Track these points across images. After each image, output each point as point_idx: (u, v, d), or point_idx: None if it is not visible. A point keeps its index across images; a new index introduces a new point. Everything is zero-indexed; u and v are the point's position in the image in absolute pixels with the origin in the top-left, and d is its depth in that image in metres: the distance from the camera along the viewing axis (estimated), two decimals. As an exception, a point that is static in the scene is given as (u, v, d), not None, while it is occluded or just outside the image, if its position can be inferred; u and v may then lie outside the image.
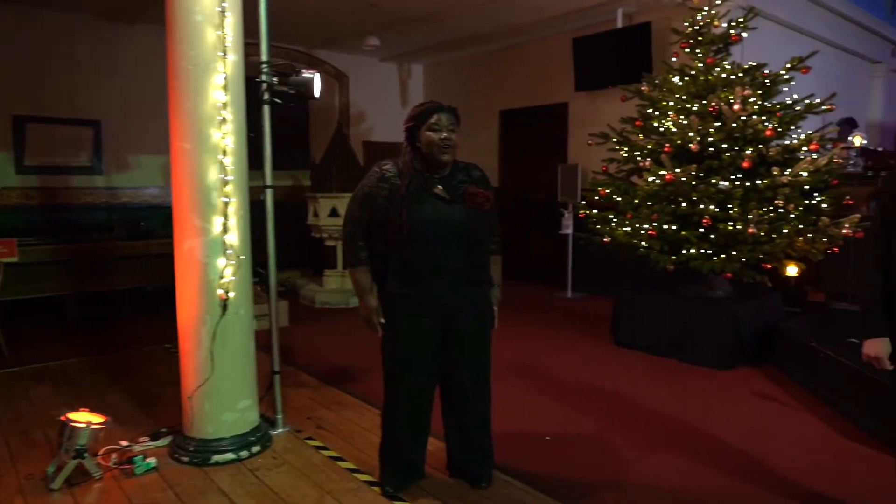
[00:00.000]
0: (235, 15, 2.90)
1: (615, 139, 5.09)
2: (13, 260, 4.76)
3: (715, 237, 4.41)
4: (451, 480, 2.77)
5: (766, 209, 4.34)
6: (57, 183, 6.62)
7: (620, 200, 4.95)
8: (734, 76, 4.62)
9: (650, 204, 4.73)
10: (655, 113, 4.87)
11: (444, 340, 2.58)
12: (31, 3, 6.21)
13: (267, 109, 3.16)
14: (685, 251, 4.51)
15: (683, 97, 4.74)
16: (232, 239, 2.94)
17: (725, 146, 4.47)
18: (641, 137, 4.90)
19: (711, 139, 4.47)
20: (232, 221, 2.94)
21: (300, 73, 3.16)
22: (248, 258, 3.06)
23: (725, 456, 3.10)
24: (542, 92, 7.68)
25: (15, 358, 4.64)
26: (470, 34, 7.64)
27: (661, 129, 4.76)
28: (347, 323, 5.81)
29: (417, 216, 2.44)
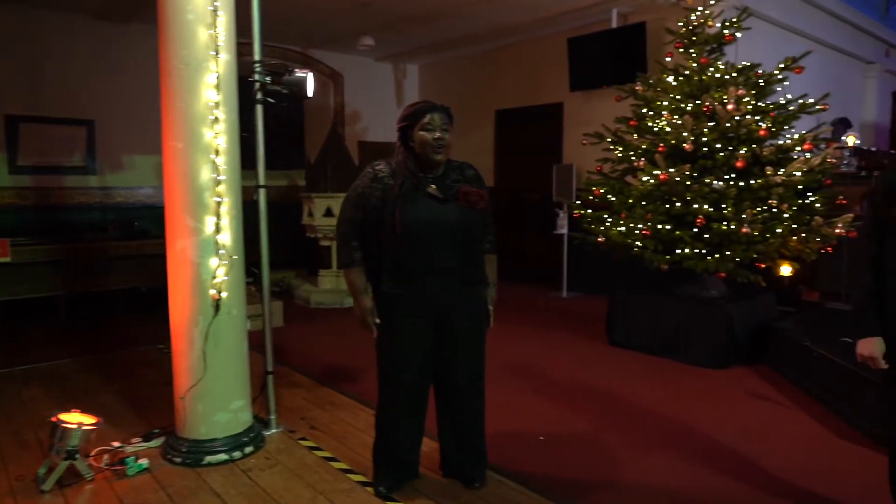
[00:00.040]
0: (228, 14, 2.89)
1: (609, 139, 5.10)
2: (6, 260, 4.77)
3: (709, 237, 4.42)
4: (444, 480, 2.77)
5: (759, 209, 4.35)
6: (50, 183, 6.60)
7: (615, 200, 4.96)
8: (728, 76, 4.63)
9: (644, 204, 4.73)
10: (650, 113, 4.88)
11: (438, 340, 2.58)
12: (24, 2, 6.18)
13: (260, 109, 3.15)
14: (679, 251, 4.52)
15: (677, 97, 4.74)
16: (224, 239, 2.93)
17: (719, 146, 4.47)
18: (636, 137, 4.90)
19: (705, 139, 4.48)
20: (224, 221, 2.93)
21: (293, 72, 3.15)
22: (240, 258, 3.05)
23: (719, 455, 3.10)
24: (537, 92, 7.68)
25: (7, 358, 4.62)
26: (465, 34, 7.65)
27: (655, 128, 4.77)
28: (342, 323, 5.80)
29: (410, 216, 2.43)
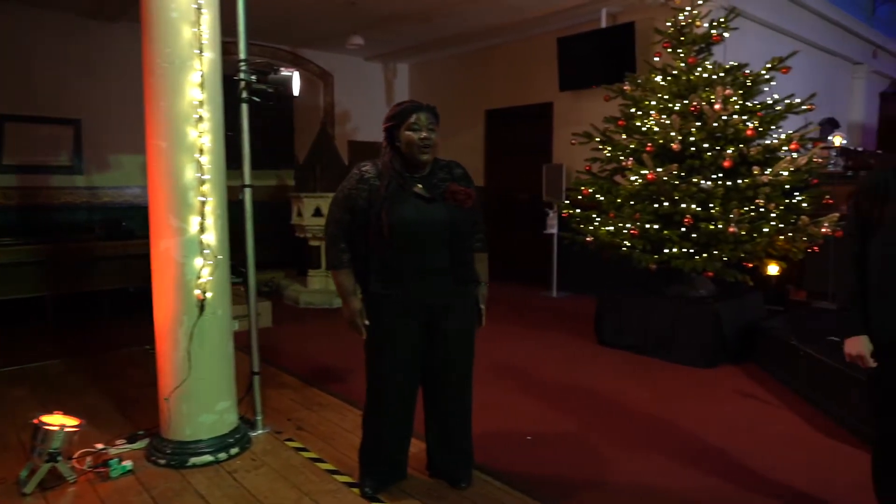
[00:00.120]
0: (212, 12, 2.87)
1: (598, 139, 5.10)
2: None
3: (696, 236, 4.42)
4: (430, 480, 2.76)
5: (746, 208, 4.36)
6: (36, 182, 6.54)
7: (603, 200, 4.96)
8: (716, 76, 4.64)
9: (633, 203, 4.74)
10: (638, 112, 4.88)
11: (428, 340, 2.57)
12: (9, 0, 6.12)
13: (245, 108, 3.13)
14: (667, 250, 4.52)
15: (665, 97, 4.75)
16: (209, 238, 2.91)
17: (707, 146, 4.48)
18: (624, 137, 4.91)
19: (693, 139, 4.49)
20: (209, 221, 2.90)
21: (279, 71, 3.15)
22: (225, 258, 3.03)
23: (707, 455, 3.10)
24: (527, 91, 7.68)
25: (-9, 360, 4.57)
26: (455, 34, 7.64)
27: (643, 128, 4.77)
28: (331, 323, 5.78)
29: (398, 217, 2.41)
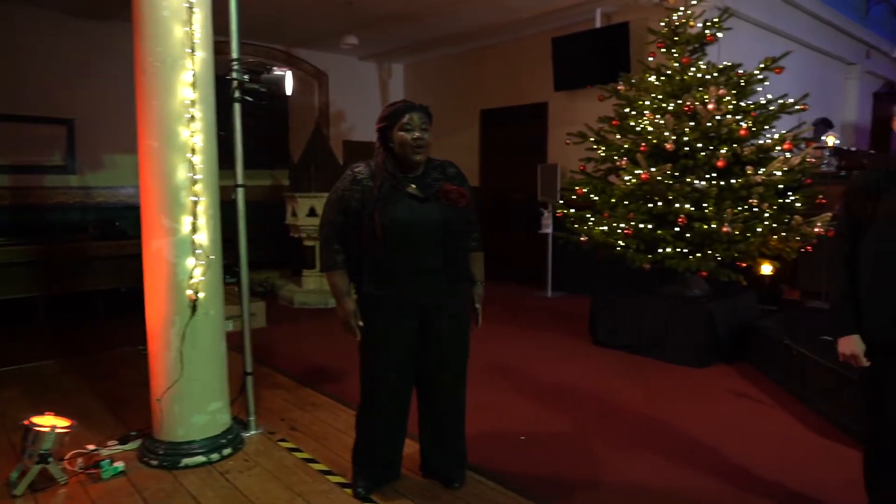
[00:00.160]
0: (204, 11, 2.85)
1: (593, 139, 5.11)
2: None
3: (690, 236, 4.43)
4: (423, 481, 2.75)
5: (740, 208, 4.37)
6: (29, 182, 6.51)
7: (597, 200, 4.96)
8: (709, 76, 4.65)
9: (626, 203, 4.74)
10: (632, 112, 4.88)
11: (423, 340, 2.56)
12: (1, -1, 6.11)
13: (238, 107, 3.12)
14: (661, 250, 4.53)
15: (659, 97, 4.76)
16: (201, 238, 2.90)
17: (700, 145, 4.49)
18: (618, 137, 4.91)
19: (687, 139, 4.49)
20: (201, 221, 2.89)
21: (271, 70, 3.13)
22: (218, 258, 3.01)
23: (700, 454, 3.11)
24: (522, 91, 7.68)
25: (-17, 361, 4.55)
26: (449, 33, 7.63)
27: (637, 128, 4.77)
28: (326, 323, 5.77)
29: (391, 217, 2.41)
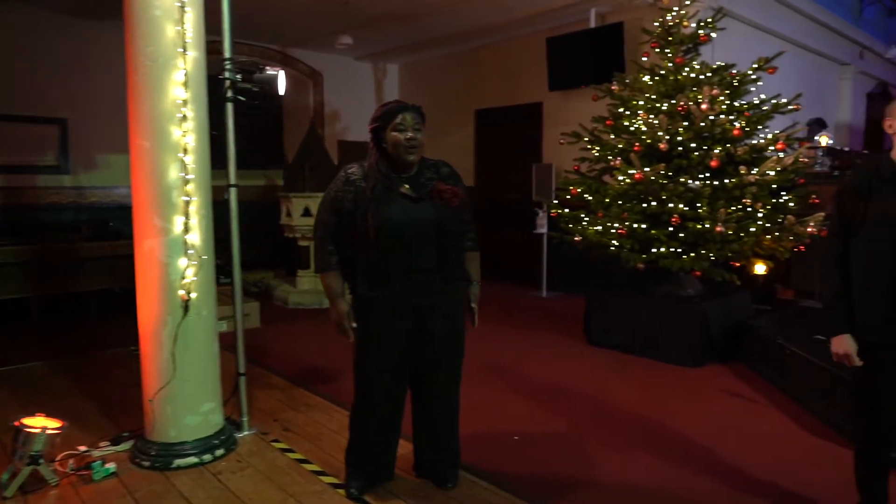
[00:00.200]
0: (196, 10, 2.84)
1: (587, 138, 5.11)
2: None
3: (684, 236, 4.43)
4: (416, 481, 2.75)
5: (734, 208, 4.37)
6: (22, 182, 6.48)
7: (592, 199, 4.96)
8: (703, 76, 4.65)
9: (620, 203, 4.74)
10: (626, 112, 4.89)
11: (417, 341, 2.55)
12: (-7, -2, 6.08)
13: (230, 107, 3.11)
14: (655, 250, 4.53)
15: (653, 97, 4.76)
16: (193, 238, 2.88)
17: (694, 145, 4.50)
18: (612, 137, 4.91)
19: (680, 138, 4.50)
20: (194, 221, 2.88)
21: (264, 70, 3.12)
22: (210, 258, 3.00)
23: (694, 454, 3.11)
24: (517, 91, 7.68)
25: (-25, 362, 4.52)
26: (445, 33, 7.63)
27: (631, 128, 4.78)
28: (320, 324, 5.75)
29: (384, 218, 2.40)
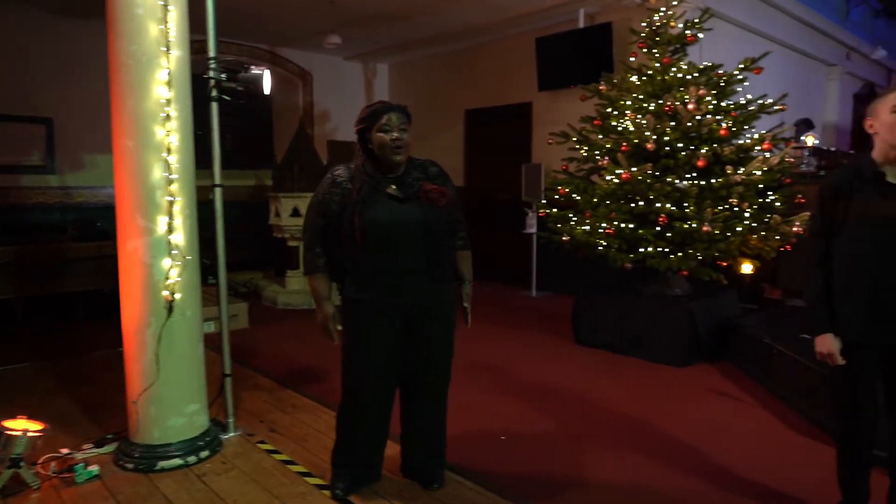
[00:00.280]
0: (179, 9, 2.82)
1: (575, 138, 5.11)
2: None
3: (671, 235, 4.44)
4: (402, 482, 2.74)
5: (720, 208, 4.39)
6: (7, 182, 6.43)
7: (580, 199, 4.97)
8: (690, 76, 4.66)
9: (608, 203, 4.75)
10: (614, 112, 4.90)
11: (407, 341, 2.55)
12: (-23, -4, 6.02)
13: (215, 106, 3.09)
14: (643, 249, 4.54)
15: (641, 97, 4.77)
16: (178, 239, 2.87)
17: (681, 145, 4.51)
18: (600, 137, 4.92)
19: (667, 138, 4.51)
20: (178, 221, 2.86)
21: (249, 69, 3.10)
22: (195, 259, 2.98)
23: (681, 453, 3.12)
24: (506, 91, 7.69)
25: (-42, 364, 4.47)
26: (434, 33, 7.62)
27: (619, 128, 4.79)
28: (309, 324, 5.72)
29: (370, 219, 2.39)
